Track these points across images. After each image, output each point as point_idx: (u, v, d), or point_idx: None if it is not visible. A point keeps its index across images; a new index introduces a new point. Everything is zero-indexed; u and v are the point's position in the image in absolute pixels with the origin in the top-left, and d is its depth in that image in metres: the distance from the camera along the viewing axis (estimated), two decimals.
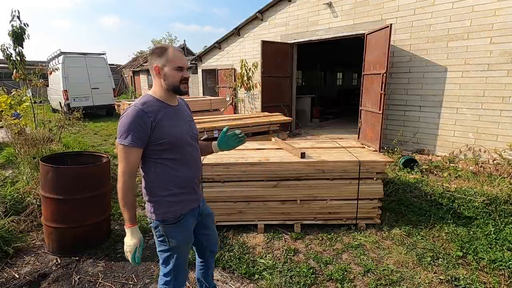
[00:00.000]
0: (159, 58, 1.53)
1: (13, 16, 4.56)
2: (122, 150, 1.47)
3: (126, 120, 1.46)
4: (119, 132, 1.47)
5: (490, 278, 2.41)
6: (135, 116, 1.45)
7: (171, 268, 1.68)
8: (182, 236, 1.65)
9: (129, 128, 1.45)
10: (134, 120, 1.45)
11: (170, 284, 1.72)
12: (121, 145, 1.46)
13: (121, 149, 1.47)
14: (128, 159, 1.47)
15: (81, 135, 8.54)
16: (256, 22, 9.17)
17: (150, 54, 1.58)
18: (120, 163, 1.49)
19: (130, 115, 1.46)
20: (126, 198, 1.49)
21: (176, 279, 1.72)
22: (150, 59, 1.57)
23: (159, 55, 1.53)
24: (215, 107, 7.44)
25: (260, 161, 3.08)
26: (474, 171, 4.67)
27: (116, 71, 22.67)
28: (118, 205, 3.73)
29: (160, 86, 1.57)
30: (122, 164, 1.48)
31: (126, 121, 1.45)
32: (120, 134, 1.46)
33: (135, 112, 1.46)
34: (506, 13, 4.81)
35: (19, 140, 4.38)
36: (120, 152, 1.48)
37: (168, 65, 1.53)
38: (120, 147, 1.47)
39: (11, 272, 2.53)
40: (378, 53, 5.90)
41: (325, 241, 2.98)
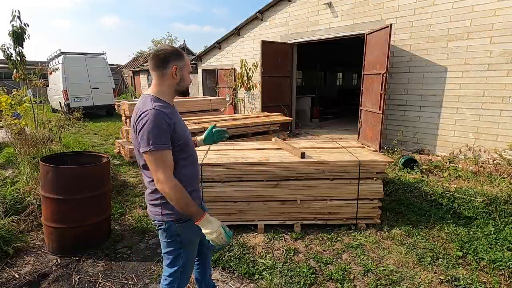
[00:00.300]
0: (178, 60, 1.52)
1: (13, 16, 4.56)
2: (159, 156, 1.40)
3: (149, 123, 1.39)
4: (146, 139, 1.39)
5: (490, 278, 2.41)
6: (157, 118, 1.40)
7: (179, 267, 1.67)
8: (194, 232, 1.64)
9: (156, 131, 1.39)
10: (158, 123, 1.40)
11: (174, 283, 1.71)
12: (156, 151, 1.39)
13: (157, 155, 1.40)
14: (167, 163, 1.43)
15: (81, 135, 8.55)
16: (256, 22, 9.18)
17: (166, 53, 1.51)
18: (158, 171, 1.41)
19: (152, 118, 1.39)
20: (185, 197, 1.45)
21: (182, 279, 1.72)
22: (166, 59, 1.50)
23: (178, 57, 1.53)
24: (215, 107, 7.44)
25: (260, 161, 3.08)
26: (474, 171, 4.67)
27: (116, 71, 22.67)
28: (118, 205, 3.75)
29: (169, 86, 1.55)
30: (162, 170, 1.41)
31: (150, 125, 1.39)
32: (148, 140, 1.38)
33: (159, 116, 1.41)
34: (506, 13, 4.81)
35: (19, 140, 4.38)
36: (156, 159, 1.41)
37: (185, 68, 1.56)
38: (155, 154, 1.40)
39: (11, 272, 2.53)
40: (378, 53, 5.91)
41: (325, 241, 2.98)
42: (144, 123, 1.40)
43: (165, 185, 1.41)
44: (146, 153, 1.41)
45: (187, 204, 1.45)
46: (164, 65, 1.51)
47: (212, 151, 3.52)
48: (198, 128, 4.62)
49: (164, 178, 1.41)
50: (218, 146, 3.80)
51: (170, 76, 1.53)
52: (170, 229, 1.59)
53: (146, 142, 1.40)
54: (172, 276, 1.69)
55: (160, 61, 1.51)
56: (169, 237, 1.61)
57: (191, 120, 5.23)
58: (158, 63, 1.52)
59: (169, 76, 1.53)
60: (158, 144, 1.39)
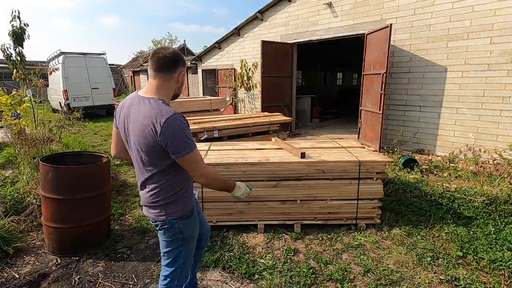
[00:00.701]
0: (184, 66, 1.57)
1: (13, 16, 4.56)
2: (197, 153, 1.49)
3: (182, 128, 1.42)
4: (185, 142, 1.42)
5: (490, 278, 2.41)
6: (184, 121, 1.46)
7: (179, 265, 1.70)
8: (195, 226, 1.72)
9: (188, 133, 1.45)
10: (186, 125, 1.46)
11: (174, 282, 1.73)
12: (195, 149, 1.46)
13: (196, 154, 1.48)
14: (201, 158, 1.53)
15: (81, 135, 8.55)
16: (256, 22, 9.18)
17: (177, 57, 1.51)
18: (202, 167, 1.52)
19: (182, 123, 1.43)
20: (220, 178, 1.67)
21: (181, 275, 1.75)
22: (175, 63, 1.50)
23: (185, 64, 1.58)
24: (215, 107, 7.44)
25: (260, 161, 3.08)
26: (474, 171, 4.67)
27: (116, 71, 22.68)
28: (118, 205, 3.75)
29: (170, 90, 1.55)
30: (203, 165, 1.53)
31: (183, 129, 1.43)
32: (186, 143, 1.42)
33: (182, 119, 1.45)
34: (506, 13, 4.81)
35: (19, 140, 4.38)
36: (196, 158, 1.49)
37: (185, 78, 1.68)
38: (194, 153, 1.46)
39: (11, 272, 2.53)
40: (378, 53, 5.90)
41: (325, 241, 2.98)
42: (175, 129, 1.40)
43: (209, 177, 1.56)
44: (187, 155, 1.44)
45: (225, 182, 1.68)
46: (173, 69, 1.50)
47: (212, 151, 3.52)
48: (198, 128, 4.62)
49: (208, 171, 1.56)
50: (218, 146, 3.81)
51: (175, 80, 1.53)
52: (174, 228, 1.60)
53: (183, 146, 1.42)
54: (172, 275, 1.71)
55: (171, 64, 1.49)
56: (172, 235, 1.62)
57: (191, 120, 5.23)
58: (167, 65, 1.49)
59: (175, 80, 1.53)
60: (192, 144, 1.45)
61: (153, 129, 1.40)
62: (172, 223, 1.60)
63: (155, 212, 1.60)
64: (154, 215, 1.60)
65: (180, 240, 1.64)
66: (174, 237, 1.63)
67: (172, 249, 1.67)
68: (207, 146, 3.78)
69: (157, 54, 1.49)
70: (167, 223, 1.59)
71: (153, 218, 1.63)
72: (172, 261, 1.69)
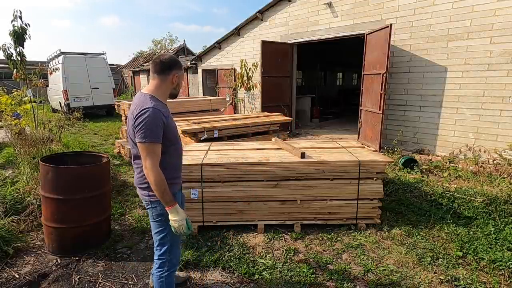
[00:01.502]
0: (179, 70, 1.81)
1: (15, 16, 4.56)
2: (151, 147, 1.65)
3: (148, 120, 1.62)
4: (143, 132, 1.63)
5: (490, 278, 2.41)
6: (155, 116, 1.64)
7: (167, 248, 1.88)
8: None
9: (152, 127, 1.63)
10: (155, 120, 1.64)
11: (165, 266, 1.90)
12: (150, 143, 1.64)
13: (149, 146, 1.65)
14: (156, 154, 1.67)
15: (81, 135, 8.55)
16: (256, 22, 9.18)
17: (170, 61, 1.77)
18: (148, 159, 1.65)
19: (151, 116, 1.63)
20: (164, 185, 1.68)
21: (171, 260, 1.91)
22: (169, 66, 1.76)
23: (179, 67, 1.81)
24: (215, 107, 7.42)
25: (260, 161, 3.08)
26: (474, 171, 4.67)
27: (116, 71, 22.67)
28: (118, 205, 3.75)
29: (166, 90, 1.81)
30: (150, 159, 1.65)
31: (149, 121, 1.62)
32: (145, 133, 1.63)
33: (157, 114, 1.65)
34: (506, 13, 4.81)
35: (19, 140, 4.38)
36: (148, 150, 1.65)
37: (181, 77, 1.85)
38: (148, 145, 1.64)
39: (11, 272, 2.53)
40: (378, 53, 5.90)
41: (325, 241, 2.98)
42: (144, 118, 1.63)
43: (150, 171, 1.66)
44: (141, 143, 1.65)
45: (165, 191, 1.69)
46: (168, 72, 1.77)
47: (212, 151, 3.52)
48: (198, 128, 4.61)
49: (151, 165, 1.65)
50: (218, 146, 3.81)
51: (170, 81, 1.79)
52: (156, 209, 1.82)
53: (142, 135, 1.64)
54: (162, 258, 1.89)
55: (166, 68, 1.77)
56: (156, 216, 1.84)
57: (191, 120, 5.23)
58: (163, 68, 1.77)
59: (169, 81, 1.79)
60: (152, 137, 1.64)
61: (133, 116, 1.69)
62: (154, 205, 1.82)
63: (142, 193, 1.85)
64: (142, 196, 1.86)
65: (163, 222, 1.83)
66: (158, 218, 1.84)
67: (158, 231, 1.87)
68: (207, 146, 3.78)
69: (156, 59, 1.79)
70: (151, 204, 1.82)
71: (141, 197, 1.87)
72: (160, 244, 1.89)
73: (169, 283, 1.94)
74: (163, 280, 1.91)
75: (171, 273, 1.94)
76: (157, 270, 1.91)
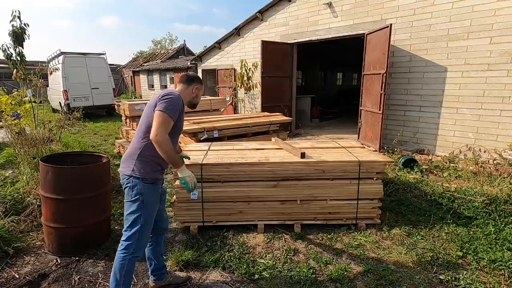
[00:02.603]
0: (199, 84, 2.17)
1: (13, 16, 4.56)
2: (167, 119, 1.87)
3: (174, 99, 1.92)
4: (166, 104, 1.88)
5: (490, 278, 2.41)
6: (179, 100, 1.97)
7: (137, 229, 1.92)
8: (154, 196, 2.00)
9: (174, 105, 1.91)
10: (178, 102, 1.95)
11: (130, 248, 1.93)
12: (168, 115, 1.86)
13: (166, 117, 1.86)
14: (168, 126, 1.88)
15: (81, 135, 8.55)
16: (256, 22, 9.18)
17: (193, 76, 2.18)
18: (162, 127, 1.83)
19: (176, 98, 1.94)
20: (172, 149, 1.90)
21: (138, 243, 1.95)
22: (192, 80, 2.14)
23: (199, 82, 2.18)
24: (215, 107, 7.42)
25: (260, 161, 3.08)
26: (474, 171, 4.66)
27: (116, 71, 22.66)
28: (118, 205, 3.74)
29: (188, 97, 2.14)
30: (163, 128, 1.84)
31: (174, 100, 1.91)
32: (167, 106, 1.87)
33: (180, 99, 1.99)
34: (506, 13, 4.81)
35: (19, 140, 4.37)
36: (163, 119, 1.85)
37: (200, 91, 2.21)
38: (165, 115, 1.86)
39: (11, 272, 2.53)
40: (378, 53, 5.91)
41: (325, 241, 2.98)
42: (170, 97, 1.93)
43: (161, 137, 1.82)
44: (161, 112, 1.86)
45: (173, 153, 1.91)
46: (190, 82, 2.14)
47: (212, 151, 3.52)
48: (198, 128, 4.61)
49: (162, 132, 1.83)
50: (218, 146, 3.81)
51: (190, 90, 2.14)
52: (136, 187, 1.91)
53: (164, 106, 1.88)
54: (130, 240, 1.93)
55: (190, 80, 2.14)
56: (134, 195, 1.91)
57: (191, 120, 5.23)
58: (187, 80, 2.14)
59: (190, 90, 2.14)
60: (171, 112, 1.89)
61: (160, 96, 1.96)
62: (135, 182, 1.91)
63: (125, 168, 1.96)
64: (124, 171, 1.95)
65: (140, 202, 1.91)
66: (136, 197, 1.91)
67: (132, 211, 1.93)
68: (207, 146, 3.78)
69: (184, 74, 2.21)
70: (131, 181, 1.91)
71: (122, 174, 1.97)
72: (131, 224, 1.93)
73: (131, 266, 1.97)
74: (124, 262, 1.93)
75: (134, 257, 1.97)
76: (122, 251, 1.94)
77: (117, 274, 1.95)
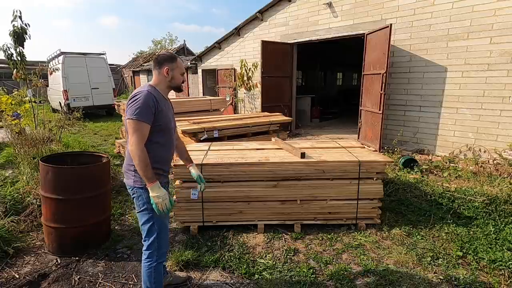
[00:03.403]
0: (170, 63, 1.90)
1: (15, 16, 4.56)
2: (138, 125, 1.72)
3: (139, 100, 1.74)
4: (132, 109, 1.72)
5: (490, 278, 2.41)
6: (146, 98, 1.75)
7: (154, 237, 1.91)
8: None
9: (142, 107, 1.73)
10: (146, 101, 1.74)
11: (153, 257, 1.93)
12: (137, 121, 1.71)
13: (137, 124, 1.72)
14: (143, 133, 1.74)
15: (81, 135, 8.54)
16: (256, 22, 9.18)
17: (162, 57, 1.91)
18: (134, 136, 1.71)
19: (142, 97, 1.75)
20: (146, 161, 1.72)
21: (159, 250, 1.94)
22: (161, 62, 1.90)
23: (170, 61, 1.90)
24: (215, 107, 7.42)
25: (260, 161, 3.08)
26: (474, 171, 4.66)
27: (116, 71, 22.66)
28: (118, 205, 3.75)
29: (164, 83, 1.92)
30: (136, 136, 1.71)
31: (139, 101, 1.73)
32: (134, 111, 1.72)
33: (148, 95, 1.77)
34: (506, 13, 4.81)
35: (19, 140, 4.37)
36: (135, 127, 1.72)
37: (176, 70, 1.93)
38: (135, 122, 1.72)
39: (11, 272, 2.53)
40: (378, 53, 5.90)
41: (325, 241, 2.98)
42: (136, 99, 1.76)
43: (134, 147, 1.70)
44: (129, 120, 1.73)
45: (147, 167, 1.72)
46: (159, 66, 1.91)
47: (212, 151, 3.52)
48: (198, 128, 4.61)
49: (136, 141, 1.71)
50: (218, 146, 3.81)
51: (163, 75, 1.91)
52: (142, 197, 1.87)
53: (131, 112, 1.73)
54: (150, 248, 1.92)
55: (157, 63, 1.92)
56: (142, 205, 1.88)
57: (191, 120, 5.23)
58: (155, 64, 1.93)
59: (162, 75, 1.91)
60: (141, 115, 1.72)
61: (128, 99, 1.81)
62: (139, 192, 1.86)
63: (128, 179, 1.90)
64: (127, 182, 1.91)
65: (149, 210, 1.86)
66: (144, 207, 1.88)
67: (145, 221, 1.91)
68: (207, 146, 3.78)
69: (155, 56, 1.96)
70: (136, 191, 1.87)
71: (127, 185, 1.92)
72: (147, 234, 1.92)
73: (159, 272, 1.97)
74: (151, 271, 1.93)
75: (159, 264, 1.96)
76: (146, 261, 1.94)
77: (147, 283, 1.96)
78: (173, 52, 14.63)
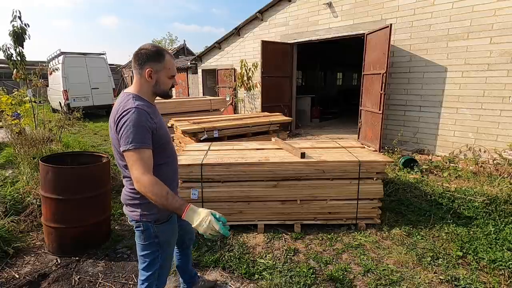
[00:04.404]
0: (154, 63, 1.46)
1: (14, 16, 4.56)
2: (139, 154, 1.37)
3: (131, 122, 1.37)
4: (128, 137, 1.36)
5: (490, 278, 2.41)
6: (140, 117, 1.38)
7: (155, 269, 1.64)
8: (172, 230, 1.67)
9: (138, 130, 1.37)
10: (141, 122, 1.38)
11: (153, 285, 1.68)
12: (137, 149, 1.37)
13: (137, 153, 1.37)
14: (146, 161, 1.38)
15: (81, 135, 8.54)
16: (256, 22, 9.18)
17: (143, 54, 1.45)
18: (136, 169, 1.36)
19: (136, 118, 1.37)
20: (165, 190, 1.35)
21: (159, 280, 1.69)
22: (142, 60, 1.46)
23: (155, 59, 1.46)
24: (215, 107, 7.43)
25: (260, 161, 3.08)
26: (474, 171, 4.66)
27: (116, 71, 22.64)
28: (118, 205, 3.74)
29: (147, 87, 1.51)
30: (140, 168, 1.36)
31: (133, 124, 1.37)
32: (130, 138, 1.36)
33: (141, 115, 1.39)
34: (506, 13, 4.81)
35: (19, 140, 4.37)
36: (135, 158, 1.37)
37: (163, 72, 1.49)
38: (135, 152, 1.37)
39: (11, 272, 2.53)
40: (378, 53, 5.90)
41: (325, 241, 2.98)
42: (125, 122, 1.37)
43: (142, 182, 1.34)
44: (126, 151, 1.38)
45: (168, 198, 1.34)
46: (140, 66, 1.47)
47: (212, 151, 3.52)
48: (198, 128, 4.61)
49: (141, 175, 1.35)
50: (218, 146, 3.81)
51: (144, 77, 1.48)
52: (148, 231, 1.56)
53: (126, 141, 1.37)
54: (149, 280, 1.65)
55: (137, 61, 1.47)
56: (147, 239, 1.57)
57: (191, 120, 5.23)
58: (135, 62, 1.48)
59: (144, 79, 1.49)
60: (139, 141, 1.37)
61: (114, 120, 1.42)
62: (147, 226, 1.55)
63: (130, 211, 1.57)
64: (131, 215, 1.57)
65: (156, 244, 1.58)
66: (150, 241, 1.57)
67: (148, 253, 1.61)
68: (207, 146, 3.78)
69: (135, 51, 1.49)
70: (142, 225, 1.55)
71: (130, 217, 1.59)
72: (148, 265, 1.63)
73: None
74: None
75: None
76: None
77: None
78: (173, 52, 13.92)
